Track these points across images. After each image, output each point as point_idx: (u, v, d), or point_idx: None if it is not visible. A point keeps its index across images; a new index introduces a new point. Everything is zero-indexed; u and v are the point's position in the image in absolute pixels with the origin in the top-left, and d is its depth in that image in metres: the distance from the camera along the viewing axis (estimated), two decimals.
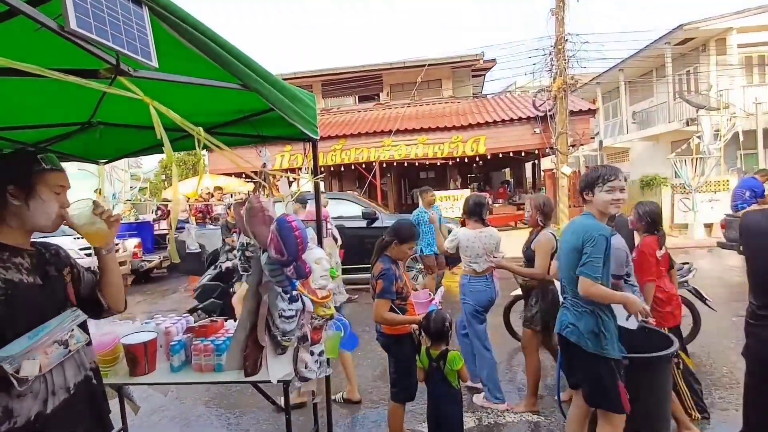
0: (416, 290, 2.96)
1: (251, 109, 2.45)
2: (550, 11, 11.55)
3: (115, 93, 1.00)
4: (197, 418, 3.38)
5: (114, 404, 2.91)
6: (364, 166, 12.40)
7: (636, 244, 3.08)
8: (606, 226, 2.17)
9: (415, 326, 2.63)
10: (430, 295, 2.86)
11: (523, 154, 13.28)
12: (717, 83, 14.30)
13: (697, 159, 11.11)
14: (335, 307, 2.70)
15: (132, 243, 8.83)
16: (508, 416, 3.10)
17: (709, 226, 10.91)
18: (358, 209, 7.10)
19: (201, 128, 1.32)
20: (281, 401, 2.49)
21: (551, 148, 11.94)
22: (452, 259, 6.98)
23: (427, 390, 2.53)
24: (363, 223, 6.85)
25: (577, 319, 2.19)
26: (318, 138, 2.76)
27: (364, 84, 16.12)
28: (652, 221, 2.98)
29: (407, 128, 12.26)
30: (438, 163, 12.81)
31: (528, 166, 18.11)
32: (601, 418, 2.21)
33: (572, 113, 11.67)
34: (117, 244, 8.21)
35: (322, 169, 12.93)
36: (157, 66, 1.09)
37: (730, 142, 12.15)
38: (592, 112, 13.12)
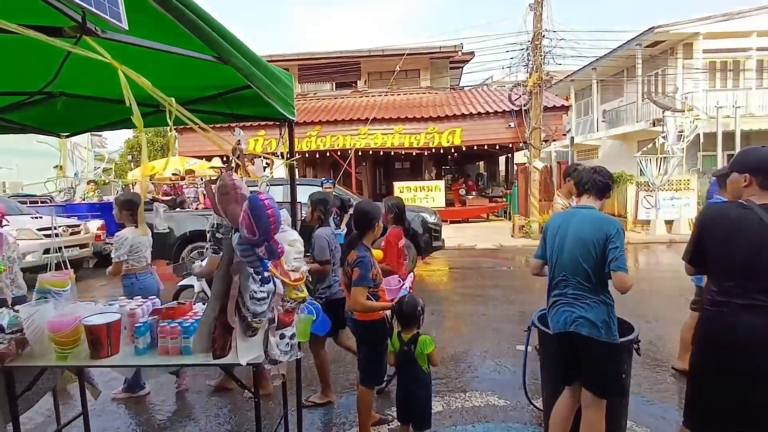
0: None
1: (226, 86, 2.37)
2: (528, 6, 11.67)
3: (80, 53, 0.94)
4: (162, 403, 3.30)
5: (74, 388, 2.82)
6: (339, 153, 12.29)
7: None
8: None
9: (387, 311, 2.65)
10: (400, 281, 2.89)
11: (497, 147, 13.46)
12: (682, 86, 14.87)
13: (661, 158, 11.56)
14: None
15: (95, 225, 8.48)
16: (475, 400, 3.17)
17: (669, 223, 11.42)
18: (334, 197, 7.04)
19: (173, 99, 1.26)
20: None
21: (525, 142, 12.15)
22: (424, 249, 7.06)
23: (396, 374, 2.56)
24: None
25: (586, 311, 2.18)
26: (295, 120, 2.71)
27: (342, 70, 15.91)
28: (398, 214, 3.29)
29: (384, 117, 12.21)
30: (414, 154, 12.84)
31: (502, 159, 18.40)
32: (593, 407, 2.22)
33: (546, 109, 11.88)
34: (79, 226, 7.89)
35: (297, 155, 12.77)
36: (126, 28, 1.03)
37: (691, 144, 12.69)
38: (565, 109, 13.41)
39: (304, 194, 6.99)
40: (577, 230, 2.23)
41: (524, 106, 12.08)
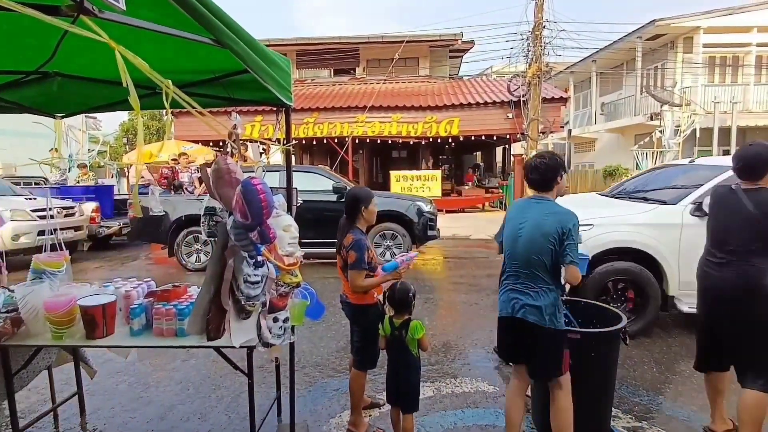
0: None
1: (223, 70, 2.37)
2: None
3: (78, 33, 0.95)
4: (157, 384, 3.35)
5: (69, 368, 2.86)
6: (336, 141, 12.26)
7: None
8: None
9: (380, 296, 2.68)
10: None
11: (494, 138, 13.45)
12: (681, 80, 14.85)
13: (657, 152, 11.61)
14: None
15: (89, 207, 8.44)
16: (465, 386, 3.24)
17: None
18: (329, 183, 7.05)
19: (170, 81, 1.27)
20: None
21: (522, 133, 12.15)
22: (419, 238, 7.10)
23: (387, 358, 2.61)
24: (334, 197, 6.82)
25: (534, 299, 2.28)
26: (292, 105, 2.71)
27: (341, 57, 15.77)
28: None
29: (382, 105, 12.15)
30: (411, 143, 12.81)
31: (499, 150, 18.39)
32: (555, 387, 2.34)
33: (545, 100, 11.87)
34: (73, 207, 7.86)
35: (294, 141, 12.69)
36: (124, 9, 1.04)
37: (688, 138, 12.73)
38: (563, 101, 13.39)
39: (300, 180, 7.05)
40: (535, 222, 2.30)
41: (523, 97, 12.05)
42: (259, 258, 1.84)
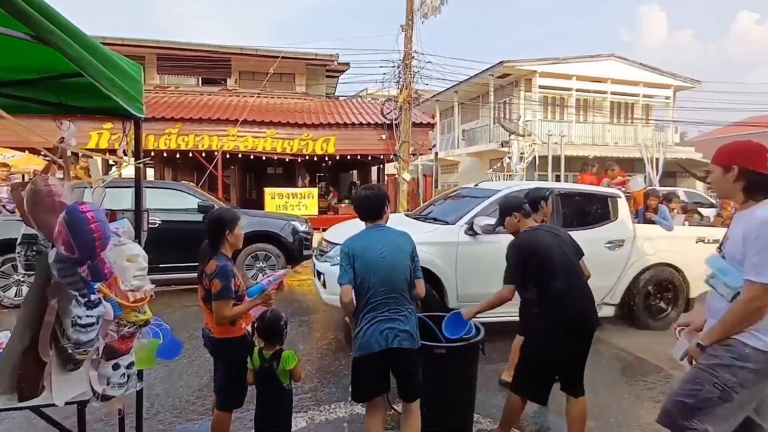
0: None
1: (50, 69, 1.98)
2: (400, 27, 12.40)
3: None
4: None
5: None
6: (204, 155, 11.36)
7: None
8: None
9: (248, 327, 2.49)
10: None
11: (370, 157, 13.92)
12: (524, 114, 17.36)
13: (507, 175, 13.27)
14: None
15: None
16: (340, 411, 3.17)
17: None
18: (194, 201, 6.45)
19: None
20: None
21: (395, 154, 12.80)
22: (295, 258, 6.90)
23: (257, 393, 2.42)
24: (199, 217, 6.26)
25: (405, 323, 2.32)
26: (142, 117, 2.39)
27: (211, 66, 14.81)
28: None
29: (256, 119, 11.68)
30: (287, 159, 12.53)
31: (374, 169, 19.09)
32: (416, 404, 2.41)
33: (415, 125, 12.70)
34: None
35: (153, 154, 11.40)
36: None
37: (530, 164, 14.86)
38: (431, 126, 14.51)
39: (160, 198, 6.31)
40: (394, 244, 2.40)
41: (395, 120, 12.74)
42: (93, 296, 1.54)
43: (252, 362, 2.39)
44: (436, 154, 18.82)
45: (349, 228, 5.44)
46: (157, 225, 6.14)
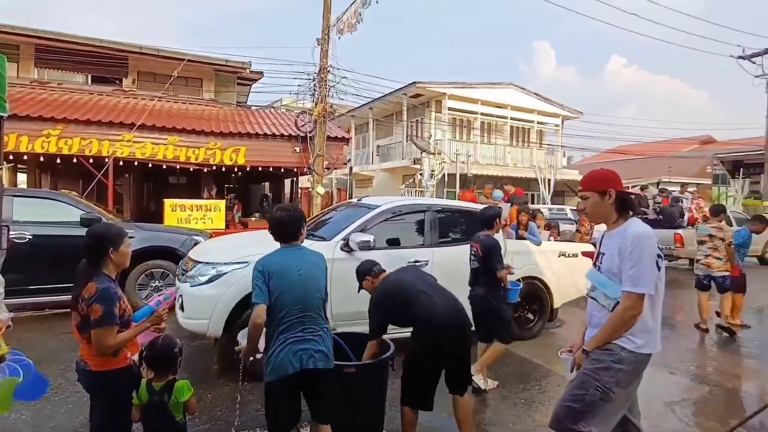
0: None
1: None
2: (316, 41, 12.37)
3: None
4: None
5: None
6: (92, 161, 10.15)
7: None
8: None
9: (134, 357, 2.20)
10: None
11: (282, 170, 13.55)
12: (435, 134, 18.26)
13: (418, 191, 13.77)
14: None
15: None
16: None
17: None
18: (76, 213, 5.70)
19: None
20: None
21: (309, 167, 12.62)
22: None
23: (144, 430, 2.15)
24: (82, 231, 5.53)
25: (320, 343, 2.29)
26: (5, 115, 2.05)
27: (103, 63, 13.39)
28: None
29: (156, 125, 10.75)
30: (191, 169, 11.68)
31: (288, 182, 18.64)
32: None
33: (329, 138, 12.66)
34: None
35: (26, 158, 9.90)
36: None
37: (440, 181, 15.61)
38: (346, 140, 14.58)
39: (28, 210, 5.47)
40: (311, 263, 2.39)
41: (309, 133, 12.59)
42: None
43: (138, 396, 2.12)
44: (351, 168, 18.97)
45: (220, 245, 5.09)
46: (26, 240, 5.32)
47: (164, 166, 11.21)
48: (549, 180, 17.52)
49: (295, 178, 16.11)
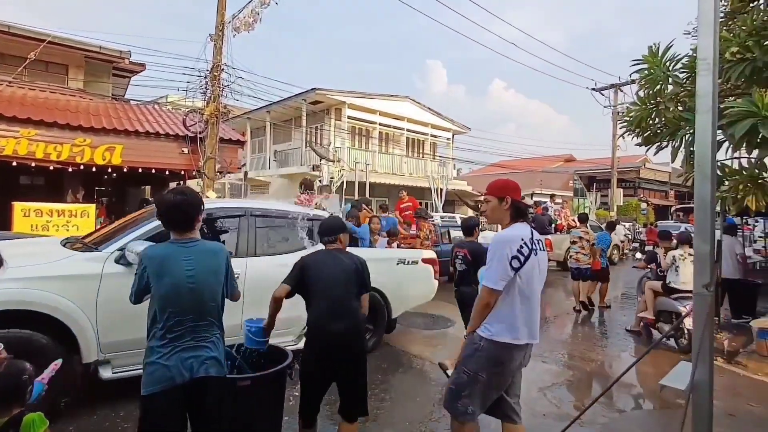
0: None
1: None
2: (209, 36, 11.61)
3: None
4: None
5: None
6: None
7: None
8: None
9: None
10: None
11: (167, 172, 12.39)
12: (334, 141, 18.28)
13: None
14: None
15: None
16: None
17: None
18: None
19: None
20: None
21: (198, 170, 11.72)
22: None
23: None
24: None
25: (213, 350, 2.08)
26: None
27: None
28: None
29: (5, 114, 9.09)
30: (51, 168, 10.07)
31: (173, 185, 17.09)
32: None
33: (222, 140, 11.93)
34: None
35: None
36: None
37: (339, 188, 15.64)
38: (241, 143, 13.85)
39: None
40: (204, 266, 2.08)
41: (200, 133, 11.71)
42: None
43: None
44: (246, 173, 18.08)
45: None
46: None
47: (14, 163, 9.48)
48: (441, 189, 18.65)
49: (182, 182, 14.83)
